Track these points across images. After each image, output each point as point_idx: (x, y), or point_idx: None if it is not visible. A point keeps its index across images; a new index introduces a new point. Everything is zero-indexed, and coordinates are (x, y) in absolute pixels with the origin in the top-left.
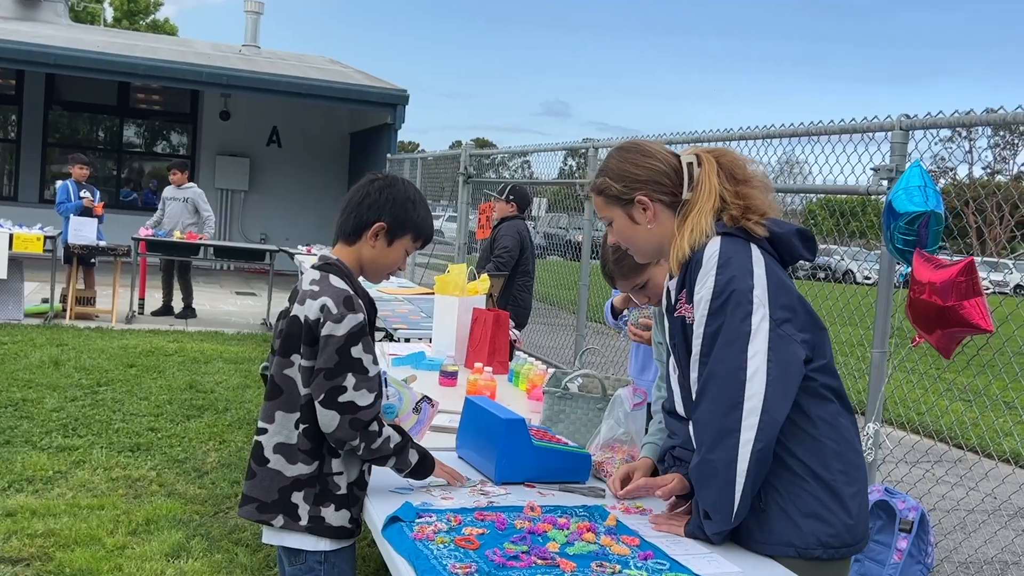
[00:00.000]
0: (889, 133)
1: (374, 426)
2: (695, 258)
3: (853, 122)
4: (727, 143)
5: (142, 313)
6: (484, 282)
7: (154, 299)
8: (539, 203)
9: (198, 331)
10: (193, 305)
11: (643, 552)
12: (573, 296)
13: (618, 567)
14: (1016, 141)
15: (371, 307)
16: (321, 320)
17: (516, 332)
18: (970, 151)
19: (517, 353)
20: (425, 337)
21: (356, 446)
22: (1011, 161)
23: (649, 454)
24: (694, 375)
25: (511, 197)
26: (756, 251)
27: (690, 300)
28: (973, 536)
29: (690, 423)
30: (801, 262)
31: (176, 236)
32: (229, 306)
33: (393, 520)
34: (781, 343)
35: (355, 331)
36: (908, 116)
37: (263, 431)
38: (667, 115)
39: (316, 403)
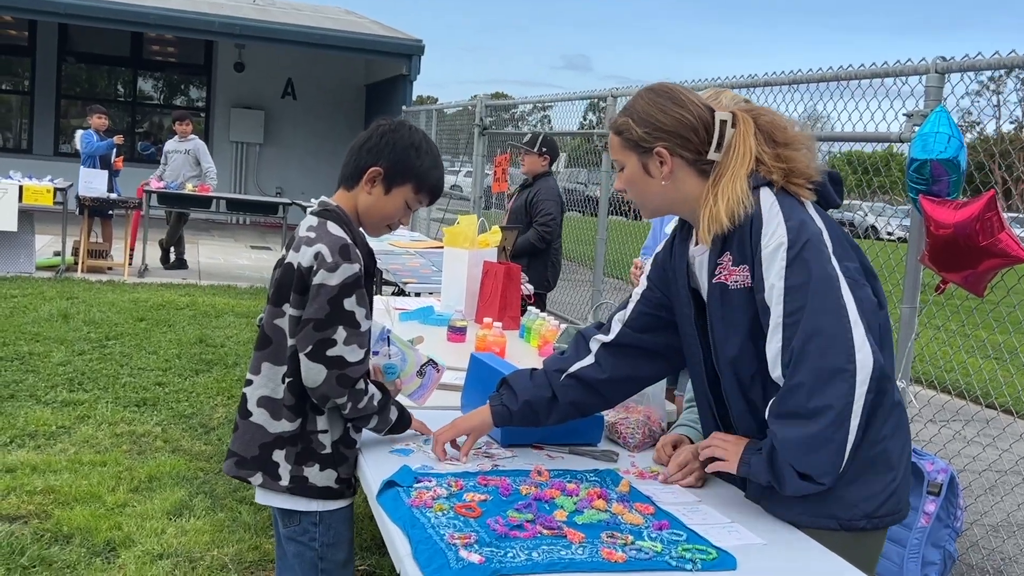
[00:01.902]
0: (923, 77)
1: (361, 384)
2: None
3: (885, 66)
4: (751, 89)
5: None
6: (495, 234)
7: (154, 251)
8: (559, 158)
9: (210, 285)
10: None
11: (658, 521)
12: (591, 252)
13: (630, 538)
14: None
15: (370, 257)
16: (314, 268)
17: (530, 287)
18: (998, 104)
19: (529, 308)
20: (436, 292)
21: (342, 404)
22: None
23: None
24: (777, 342)
25: (543, 149)
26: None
27: (741, 262)
28: (1005, 499)
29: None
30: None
31: (188, 189)
32: (243, 260)
33: (389, 485)
34: (858, 289)
35: (349, 282)
36: (944, 59)
37: (249, 383)
38: (690, 67)
39: (301, 355)
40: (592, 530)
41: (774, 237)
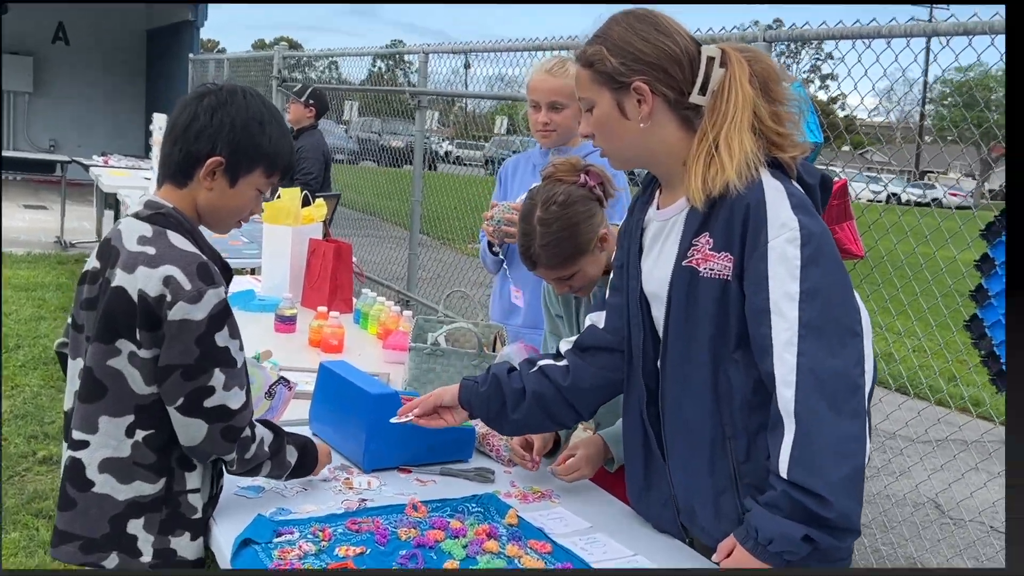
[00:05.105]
0: (751, 46)
1: (247, 431)
2: (742, 193)
3: (711, 33)
4: (547, 53)
5: None
6: (320, 208)
7: None
8: (351, 107)
9: None
10: None
11: (560, 564)
12: (395, 207)
13: None
14: (799, 49)
15: (226, 271)
16: (167, 298)
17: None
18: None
19: (364, 291)
20: (248, 267)
21: (229, 461)
22: (794, 68)
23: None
24: (792, 356)
25: (311, 101)
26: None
27: (724, 249)
28: None
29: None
30: None
31: None
32: (17, 222)
33: (245, 543)
34: None
35: (217, 312)
36: (772, 27)
37: (83, 444)
38: (483, 20)
39: (172, 410)
40: None
41: (784, 229)
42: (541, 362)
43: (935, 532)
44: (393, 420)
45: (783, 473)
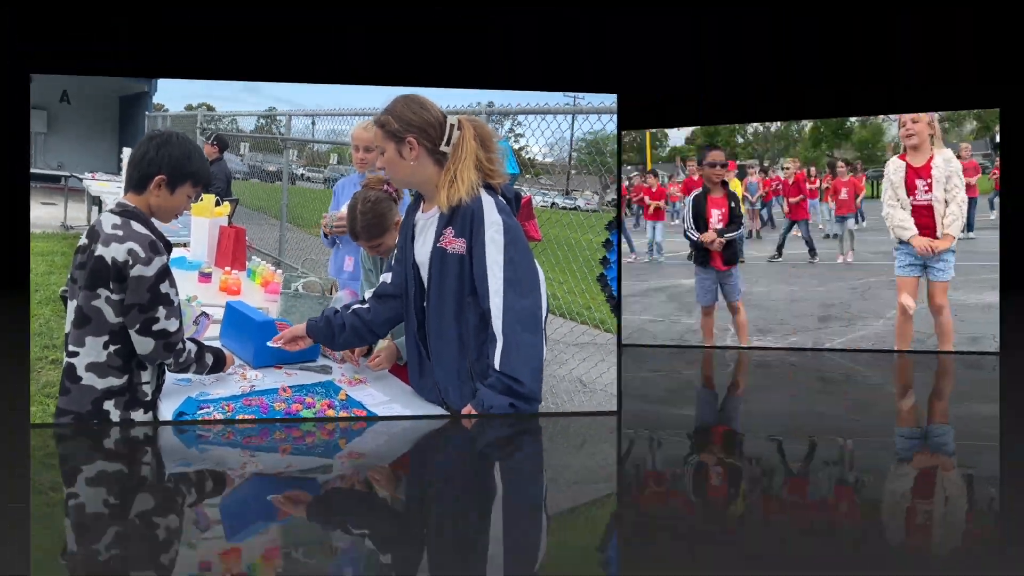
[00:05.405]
0: (476, 117)
1: (180, 345)
2: (469, 204)
3: (453, 107)
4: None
5: None
6: (226, 207)
7: None
8: (244, 146)
9: None
10: None
11: (371, 416)
12: (272, 206)
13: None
14: (503, 118)
15: (168, 246)
16: (130, 262)
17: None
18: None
19: (253, 257)
20: (182, 242)
21: (169, 364)
22: (500, 129)
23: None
24: (498, 300)
25: (214, 142)
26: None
27: (460, 236)
28: None
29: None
30: None
31: None
32: (36, 212)
33: (180, 415)
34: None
35: (161, 270)
36: (488, 106)
37: (75, 354)
38: (324, 95)
39: (132, 332)
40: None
41: (492, 226)
42: (355, 306)
43: (581, 398)
44: (269, 344)
45: (497, 367)
